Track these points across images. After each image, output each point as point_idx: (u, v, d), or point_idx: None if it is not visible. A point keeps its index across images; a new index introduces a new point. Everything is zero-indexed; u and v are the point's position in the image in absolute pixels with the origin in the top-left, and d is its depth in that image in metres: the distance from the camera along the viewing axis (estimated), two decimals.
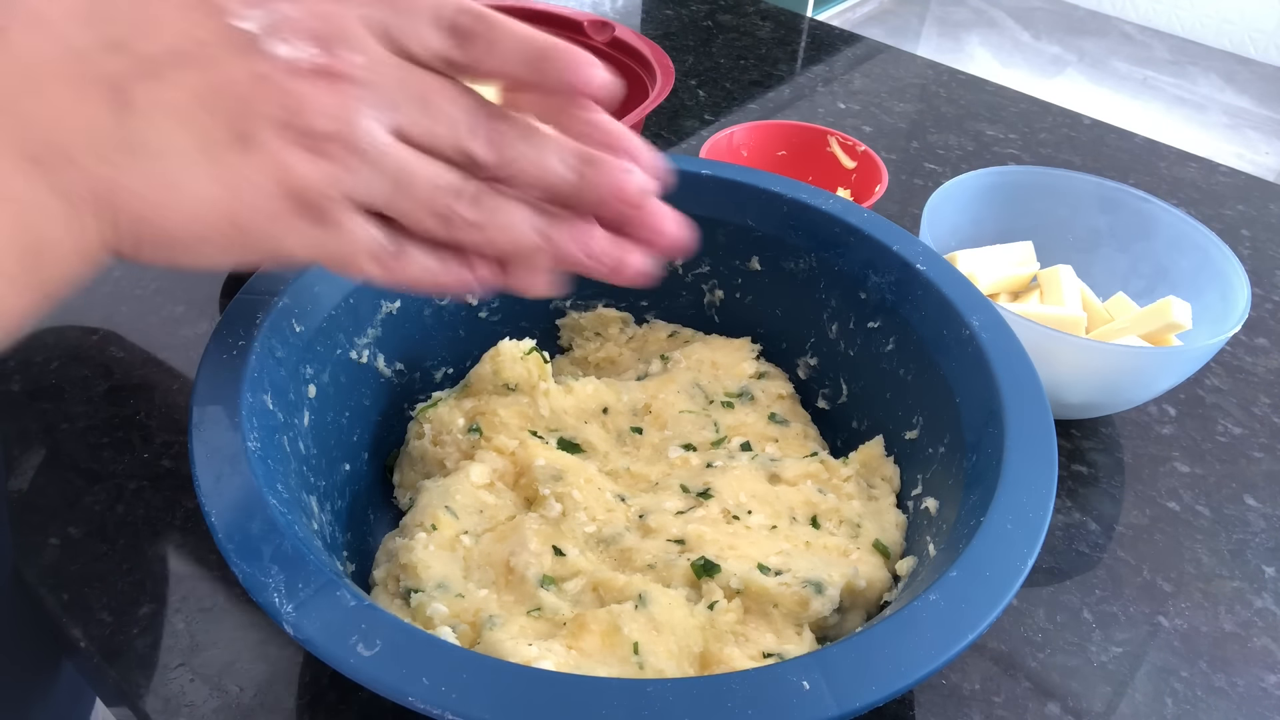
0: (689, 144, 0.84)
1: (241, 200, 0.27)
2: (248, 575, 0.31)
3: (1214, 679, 0.45)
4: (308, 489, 0.40)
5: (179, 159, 0.26)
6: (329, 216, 0.28)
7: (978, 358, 0.42)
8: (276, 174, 0.27)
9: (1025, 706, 0.44)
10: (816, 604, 0.40)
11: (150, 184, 0.26)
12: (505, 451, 0.47)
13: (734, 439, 0.49)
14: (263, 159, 0.27)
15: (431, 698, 0.29)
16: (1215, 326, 0.55)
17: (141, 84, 0.26)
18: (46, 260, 0.26)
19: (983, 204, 0.63)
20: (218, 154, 0.26)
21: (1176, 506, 0.54)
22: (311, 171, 0.27)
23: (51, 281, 0.27)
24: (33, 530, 0.48)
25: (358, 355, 0.46)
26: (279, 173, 0.27)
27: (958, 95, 0.94)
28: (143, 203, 0.27)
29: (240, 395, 0.37)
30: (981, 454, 0.39)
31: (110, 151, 0.26)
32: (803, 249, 0.50)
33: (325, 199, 0.27)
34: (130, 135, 0.26)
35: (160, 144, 0.26)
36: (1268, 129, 2.72)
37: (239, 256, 0.29)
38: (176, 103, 0.26)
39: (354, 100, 0.27)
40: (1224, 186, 0.83)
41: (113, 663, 0.43)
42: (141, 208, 0.27)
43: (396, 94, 0.28)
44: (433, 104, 0.28)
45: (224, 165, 0.27)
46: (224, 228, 0.27)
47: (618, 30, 0.76)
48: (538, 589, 0.40)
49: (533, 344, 0.49)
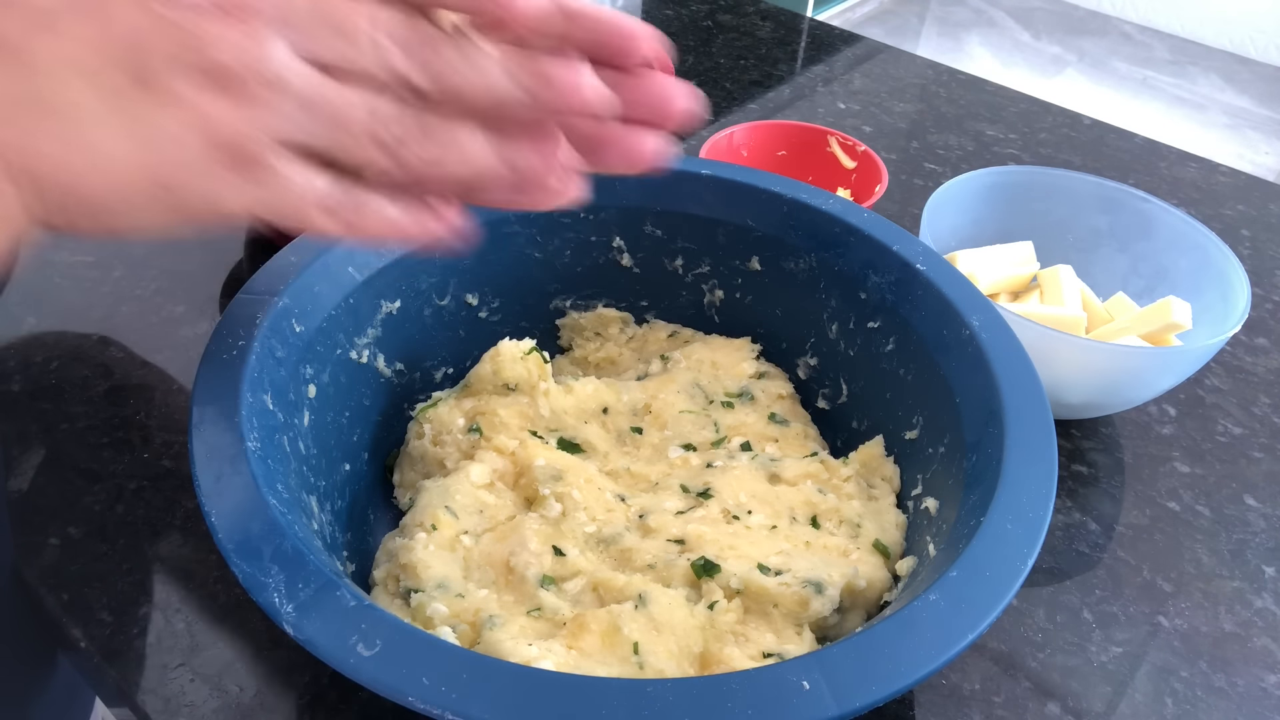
0: (689, 144, 0.84)
1: (159, 153, 0.25)
2: (248, 575, 0.31)
3: (1214, 679, 0.45)
4: (308, 489, 0.40)
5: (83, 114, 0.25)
6: (259, 162, 0.26)
7: (978, 358, 0.42)
8: (189, 120, 0.25)
9: (1025, 706, 0.44)
10: (816, 604, 0.40)
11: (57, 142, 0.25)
12: (505, 451, 0.47)
13: (734, 439, 0.49)
14: (171, 105, 0.25)
15: (431, 698, 0.29)
16: (1215, 326, 0.55)
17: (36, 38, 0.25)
18: None
19: (983, 204, 0.63)
20: (123, 105, 0.25)
21: (1176, 506, 0.54)
22: (227, 112, 0.25)
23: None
24: (33, 530, 0.48)
25: (358, 355, 0.46)
26: (192, 118, 0.25)
27: (958, 95, 0.94)
28: (53, 163, 0.25)
29: (240, 395, 0.37)
30: (981, 454, 0.39)
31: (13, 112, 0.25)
32: (803, 249, 0.50)
33: (250, 141, 0.26)
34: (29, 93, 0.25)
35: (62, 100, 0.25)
36: (1268, 129, 2.72)
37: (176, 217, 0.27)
38: (74, 55, 0.25)
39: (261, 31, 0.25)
40: (1224, 186, 0.83)
41: (113, 663, 0.43)
42: (53, 169, 0.25)
43: (309, 21, 0.26)
44: (352, 28, 0.26)
45: (132, 116, 0.25)
46: (146, 186, 0.26)
47: None
48: (538, 589, 0.40)
49: (533, 344, 0.49)
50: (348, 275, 0.45)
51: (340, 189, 0.27)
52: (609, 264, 0.54)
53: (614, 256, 0.54)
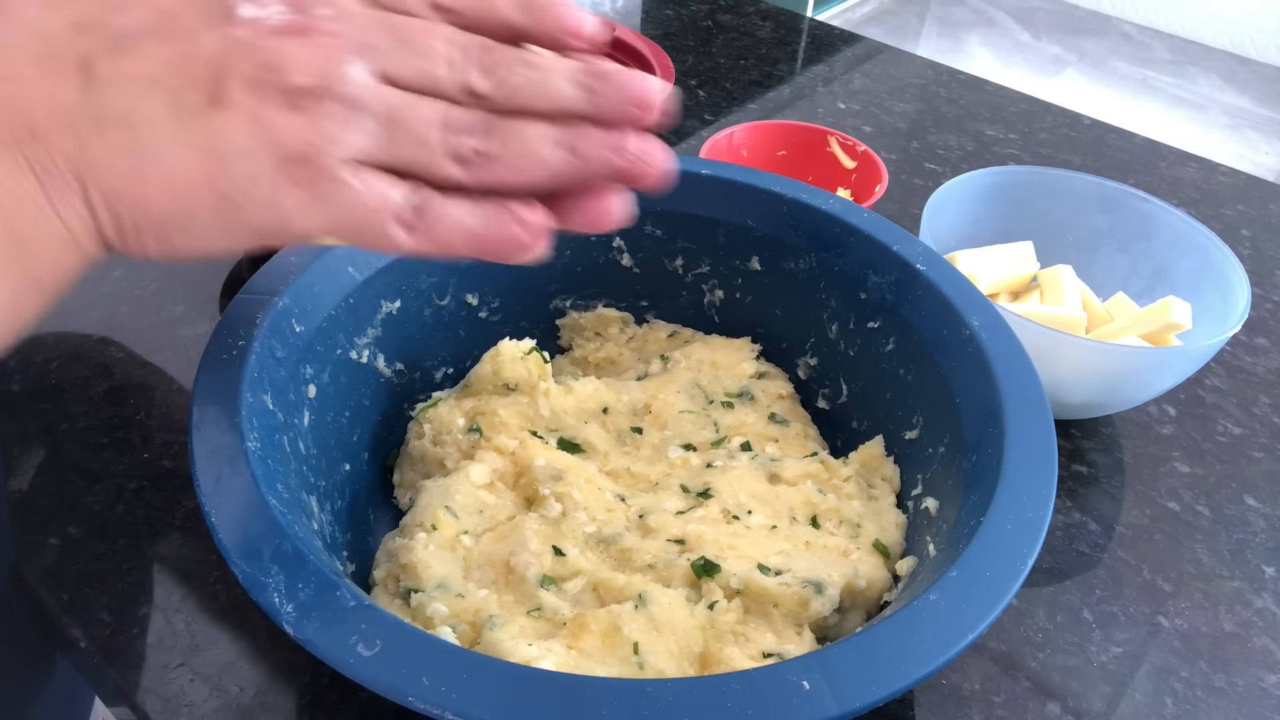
0: (689, 144, 0.84)
1: (225, 166, 0.26)
2: (248, 575, 0.31)
3: (1214, 679, 0.45)
4: (308, 489, 0.40)
5: (150, 127, 0.25)
6: (331, 177, 0.26)
7: (978, 358, 0.42)
8: (261, 135, 0.25)
9: (1025, 706, 0.44)
10: (816, 604, 0.40)
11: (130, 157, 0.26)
12: (505, 451, 0.47)
13: (734, 439, 0.49)
14: (241, 118, 0.25)
15: (431, 698, 0.29)
16: (1215, 326, 0.55)
17: (110, 58, 0.25)
18: (31, 249, 0.26)
19: (983, 204, 0.63)
20: (191, 118, 0.25)
21: (1176, 506, 0.54)
22: (296, 126, 0.25)
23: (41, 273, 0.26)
24: (33, 530, 0.48)
25: (358, 355, 0.46)
26: (261, 131, 0.25)
27: (958, 95, 0.94)
28: (118, 176, 0.26)
29: (240, 395, 0.37)
30: (981, 454, 0.39)
31: (80, 126, 0.25)
32: (803, 249, 0.50)
33: (321, 155, 0.26)
34: (99, 107, 0.25)
35: (130, 113, 0.25)
36: (1268, 129, 2.72)
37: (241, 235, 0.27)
38: (146, 72, 0.25)
39: (332, 49, 0.26)
40: (1224, 186, 0.83)
41: (113, 663, 0.43)
42: (117, 181, 0.26)
43: (376, 38, 0.26)
44: (418, 42, 0.27)
45: (204, 132, 0.25)
46: (211, 199, 0.26)
47: (618, 30, 0.76)
48: (538, 589, 0.40)
49: (533, 344, 0.49)
50: (348, 275, 0.45)
51: (417, 199, 0.27)
52: (609, 264, 0.54)
53: (614, 256, 0.54)
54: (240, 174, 0.26)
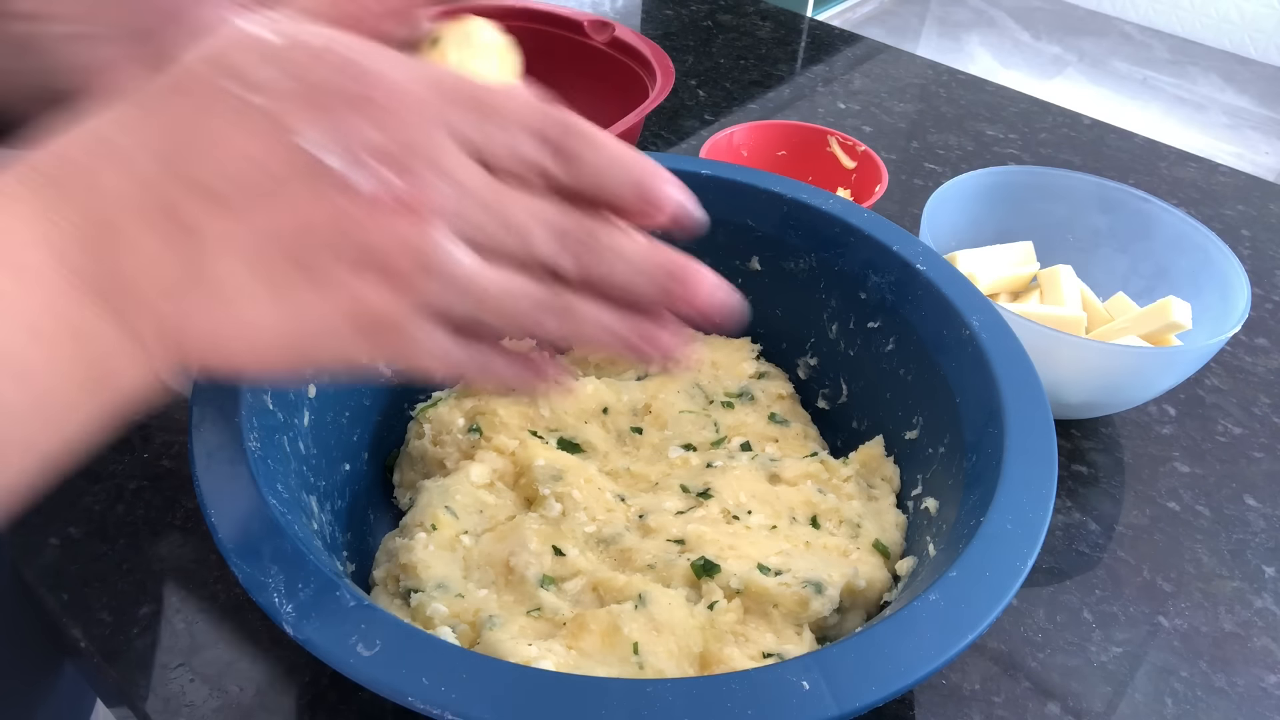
0: (689, 144, 0.84)
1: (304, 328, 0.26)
2: (248, 575, 0.31)
3: (1214, 679, 0.45)
4: (308, 489, 0.40)
5: (245, 298, 0.25)
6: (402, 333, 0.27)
7: (978, 358, 0.42)
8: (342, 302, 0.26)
9: (1025, 706, 0.44)
10: (816, 604, 0.40)
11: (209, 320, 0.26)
12: (505, 451, 0.47)
13: (734, 439, 0.49)
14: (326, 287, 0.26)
15: (431, 698, 0.29)
16: (1215, 326, 0.55)
17: (209, 221, 0.25)
18: (109, 387, 0.26)
19: (983, 204, 0.63)
20: (279, 286, 0.26)
21: (1176, 506, 0.54)
22: (381, 296, 0.26)
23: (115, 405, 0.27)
24: (33, 530, 0.48)
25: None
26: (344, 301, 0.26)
27: (958, 95, 0.94)
28: (206, 338, 0.26)
29: (240, 395, 0.37)
30: (981, 454, 0.39)
31: (175, 289, 0.25)
32: (803, 249, 0.50)
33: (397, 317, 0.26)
34: (196, 274, 0.25)
35: (226, 283, 0.25)
36: (1268, 129, 2.72)
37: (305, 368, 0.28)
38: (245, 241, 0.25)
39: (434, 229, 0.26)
40: (1224, 186, 0.83)
41: (113, 663, 0.43)
42: (204, 343, 0.26)
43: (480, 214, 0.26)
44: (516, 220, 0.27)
45: (285, 296, 0.26)
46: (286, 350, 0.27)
47: (617, 30, 0.76)
48: (538, 589, 0.40)
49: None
50: None
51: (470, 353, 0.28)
52: None
53: None
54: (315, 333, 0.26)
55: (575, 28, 0.77)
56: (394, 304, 0.26)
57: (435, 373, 0.28)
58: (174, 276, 0.25)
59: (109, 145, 0.25)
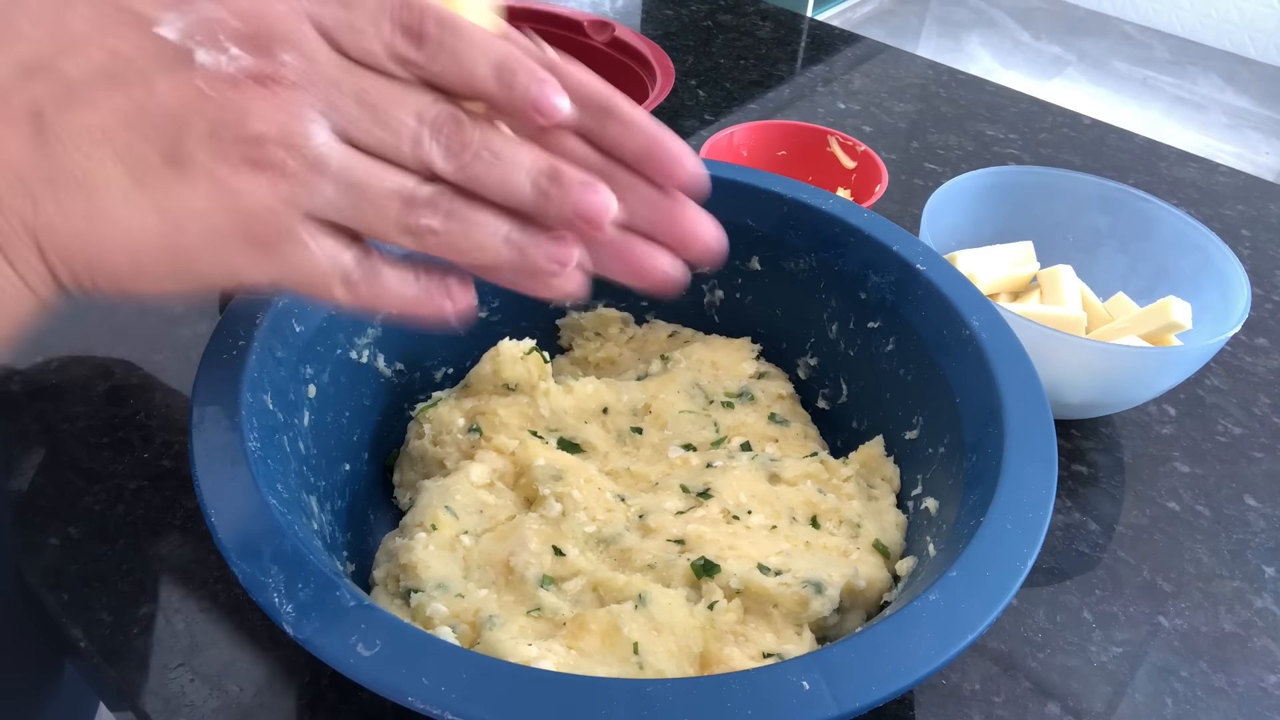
0: (689, 144, 0.83)
1: (181, 228, 0.25)
2: (248, 575, 0.31)
3: (1214, 679, 0.45)
4: (308, 489, 0.40)
5: (108, 190, 0.25)
6: (289, 238, 0.26)
7: (978, 358, 0.42)
8: (221, 199, 0.25)
9: (1025, 706, 0.44)
10: (816, 604, 0.40)
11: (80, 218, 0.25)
12: (505, 451, 0.47)
13: (734, 439, 0.49)
14: (203, 183, 0.25)
15: (431, 698, 0.29)
16: (1215, 326, 0.55)
17: (63, 110, 0.24)
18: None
19: (983, 204, 0.63)
20: (150, 180, 0.25)
21: (1176, 506, 0.54)
22: (261, 191, 0.25)
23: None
24: (33, 530, 0.48)
25: (358, 355, 0.46)
26: (223, 196, 0.25)
27: (958, 95, 0.94)
28: (75, 238, 0.25)
29: (240, 395, 0.37)
30: (981, 454, 0.39)
31: (34, 185, 0.24)
32: (803, 249, 0.50)
33: (281, 217, 0.25)
34: (54, 167, 0.24)
35: (86, 175, 0.25)
36: (1268, 129, 2.72)
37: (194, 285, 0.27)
38: (102, 128, 0.24)
39: (296, 105, 0.25)
40: (1224, 186, 0.83)
41: (113, 663, 0.43)
42: (74, 243, 0.25)
43: (343, 98, 0.26)
44: (383, 109, 0.26)
45: (161, 194, 0.25)
46: (167, 259, 0.26)
47: (617, 30, 0.76)
48: (538, 589, 0.40)
49: (533, 344, 0.49)
50: None
51: (364, 264, 0.28)
52: None
53: None
54: (196, 235, 0.25)
55: (575, 28, 0.77)
56: (275, 199, 0.25)
57: (330, 291, 0.27)
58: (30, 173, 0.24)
59: None
